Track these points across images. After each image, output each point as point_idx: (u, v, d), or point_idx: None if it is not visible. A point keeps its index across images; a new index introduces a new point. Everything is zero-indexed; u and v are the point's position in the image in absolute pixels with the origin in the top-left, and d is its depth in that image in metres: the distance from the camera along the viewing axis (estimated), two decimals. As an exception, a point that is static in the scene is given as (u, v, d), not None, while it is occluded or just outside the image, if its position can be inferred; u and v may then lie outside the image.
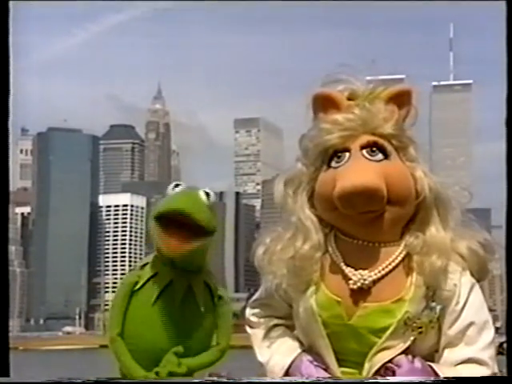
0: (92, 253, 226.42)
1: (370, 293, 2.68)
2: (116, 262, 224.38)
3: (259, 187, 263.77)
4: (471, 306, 2.73)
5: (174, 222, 2.84)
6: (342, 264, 2.73)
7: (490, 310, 2.72)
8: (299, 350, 2.88)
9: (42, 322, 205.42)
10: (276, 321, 2.97)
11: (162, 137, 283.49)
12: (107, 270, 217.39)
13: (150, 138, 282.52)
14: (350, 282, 2.69)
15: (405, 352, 2.70)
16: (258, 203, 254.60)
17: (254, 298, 3.02)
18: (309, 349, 2.87)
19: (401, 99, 2.78)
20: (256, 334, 2.98)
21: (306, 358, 2.84)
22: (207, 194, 2.92)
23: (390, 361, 2.69)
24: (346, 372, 2.77)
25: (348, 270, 2.71)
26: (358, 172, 2.63)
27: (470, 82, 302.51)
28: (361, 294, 2.69)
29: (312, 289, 2.75)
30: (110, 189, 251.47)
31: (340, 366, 2.78)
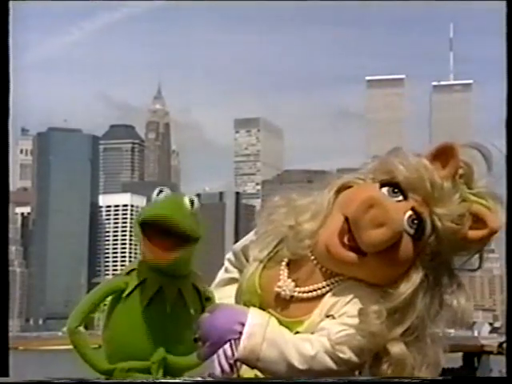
0: (92, 253, 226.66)
1: (287, 306, 2.57)
2: (116, 262, 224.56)
3: (259, 187, 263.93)
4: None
5: (159, 229, 2.79)
6: (285, 264, 2.63)
7: (490, 310, 2.62)
8: None
9: (41, 322, 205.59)
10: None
11: (161, 137, 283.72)
12: (107, 270, 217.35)
13: (149, 138, 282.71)
14: (278, 283, 2.60)
15: None
16: (257, 203, 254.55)
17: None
18: None
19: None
20: None
21: None
22: (191, 201, 2.85)
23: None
24: None
25: (285, 274, 2.61)
26: None
27: (470, 81, 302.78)
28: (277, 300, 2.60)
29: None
30: (109, 189, 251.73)
31: None
